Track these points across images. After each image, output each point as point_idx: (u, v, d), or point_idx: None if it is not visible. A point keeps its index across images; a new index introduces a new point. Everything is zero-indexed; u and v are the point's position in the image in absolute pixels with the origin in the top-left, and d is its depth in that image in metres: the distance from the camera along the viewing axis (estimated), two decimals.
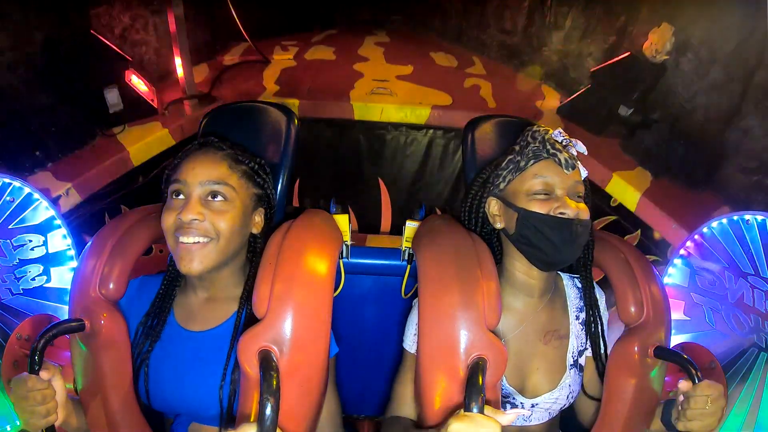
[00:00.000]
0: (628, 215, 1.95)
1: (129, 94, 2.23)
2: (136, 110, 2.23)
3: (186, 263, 0.96)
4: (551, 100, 2.72)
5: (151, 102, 2.27)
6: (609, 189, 1.98)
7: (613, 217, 2.03)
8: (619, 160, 2.04)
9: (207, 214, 0.96)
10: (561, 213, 0.99)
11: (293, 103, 2.55)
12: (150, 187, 2.07)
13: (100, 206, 1.80)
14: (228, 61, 2.97)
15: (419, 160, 2.82)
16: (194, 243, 0.96)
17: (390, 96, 2.66)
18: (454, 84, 2.85)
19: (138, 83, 2.28)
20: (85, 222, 1.73)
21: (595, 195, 1.96)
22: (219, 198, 0.98)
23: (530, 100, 2.72)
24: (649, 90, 2.24)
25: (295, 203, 2.82)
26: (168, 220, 0.98)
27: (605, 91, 2.41)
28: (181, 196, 0.98)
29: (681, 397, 0.95)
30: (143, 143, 1.99)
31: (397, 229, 2.91)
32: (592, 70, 2.54)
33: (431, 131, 2.71)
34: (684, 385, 0.94)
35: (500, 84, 2.90)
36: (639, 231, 1.88)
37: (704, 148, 1.90)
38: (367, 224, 2.91)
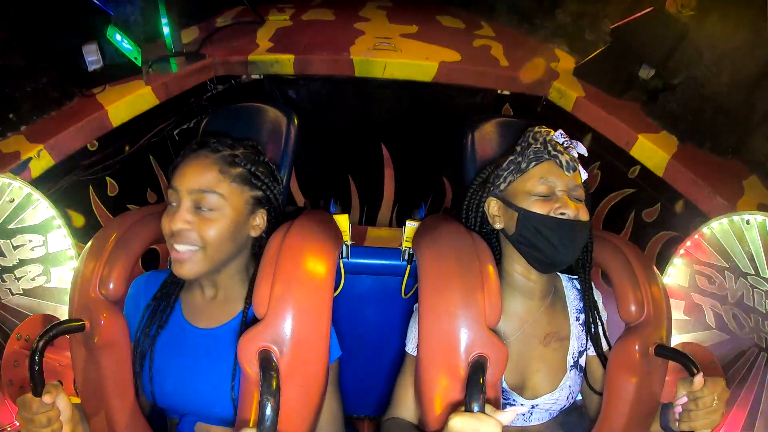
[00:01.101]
0: (649, 185, 1.82)
1: (111, 52, 2.02)
2: (118, 70, 2.02)
3: (177, 268, 0.97)
4: (566, 63, 2.54)
5: (134, 60, 2.05)
6: (634, 152, 1.84)
7: (631, 190, 1.91)
8: (643, 123, 1.89)
9: (195, 222, 0.96)
10: (561, 213, 0.99)
11: (288, 58, 2.34)
12: (138, 159, 1.95)
13: (85, 178, 1.69)
14: (221, 24, 2.79)
15: (426, 122, 2.58)
16: (185, 251, 0.96)
17: (394, 51, 2.42)
18: (462, 43, 2.59)
19: (120, 41, 2.04)
20: (68, 195, 1.62)
21: (619, 159, 1.89)
22: (206, 207, 0.97)
23: (545, 61, 2.52)
24: (673, 50, 2.07)
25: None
26: (164, 226, 0.98)
27: (626, 49, 2.22)
28: (174, 204, 0.98)
29: (683, 399, 0.95)
30: (123, 101, 1.81)
31: (400, 200, 2.74)
32: (612, 26, 2.32)
33: (439, 90, 2.46)
34: (685, 386, 0.94)
35: (511, 46, 2.65)
36: (659, 204, 1.77)
37: (731, 113, 1.77)
38: (369, 197, 2.78)
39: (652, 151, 1.78)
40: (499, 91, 2.35)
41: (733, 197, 1.46)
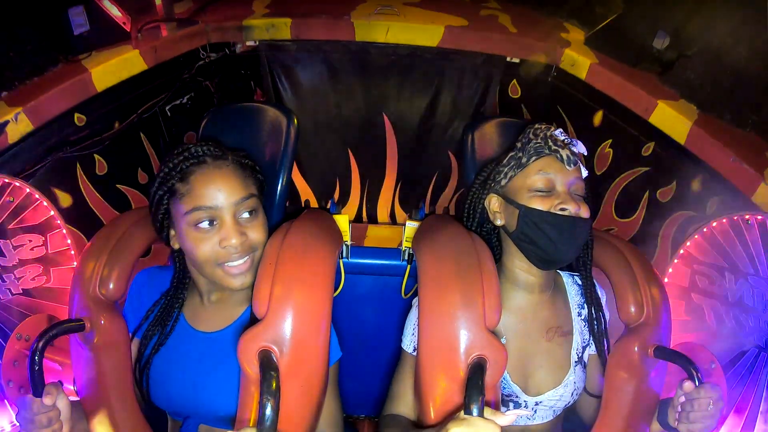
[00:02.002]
0: (665, 161, 1.74)
1: (98, 17, 1.88)
2: (106, 35, 1.89)
3: (231, 282, 0.96)
4: (576, 35, 2.45)
5: (123, 25, 1.95)
6: (654, 119, 1.74)
7: (644, 168, 1.81)
8: (661, 91, 1.80)
9: (244, 231, 0.96)
10: (562, 209, 0.99)
11: (285, 21, 2.21)
12: (129, 136, 1.84)
13: (72, 155, 1.59)
14: None
15: (430, 92, 2.44)
16: (244, 262, 0.96)
17: (397, 16, 2.31)
18: (468, 11, 2.46)
19: (110, 7, 1.94)
20: (54, 173, 1.52)
21: (638, 128, 1.79)
22: (250, 213, 0.97)
23: (555, 31, 2.36)
24: (688, 18, 1.92)
25: None
26: (205, 251, 0.94)
27: (640, 17, 2.10)
28: (213, 222, 0.95)
29: (682, 398, 0.95)
30: (109, 64, 1.70)
31: (404, 176, 2.58)
32: None
33: (444, 57, 2.33)
34: (687, 386, 0.94)
35: (518, 17, 2.55)
36: (674, 183, 1.68)
37: (750, 85, 1.67)
38: (370, 172, 2.61)
39: (673, 117, 1.67)
40: (508, 59, 2.25)
41: (759, 167, 1.37)
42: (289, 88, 2.39)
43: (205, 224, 0.94)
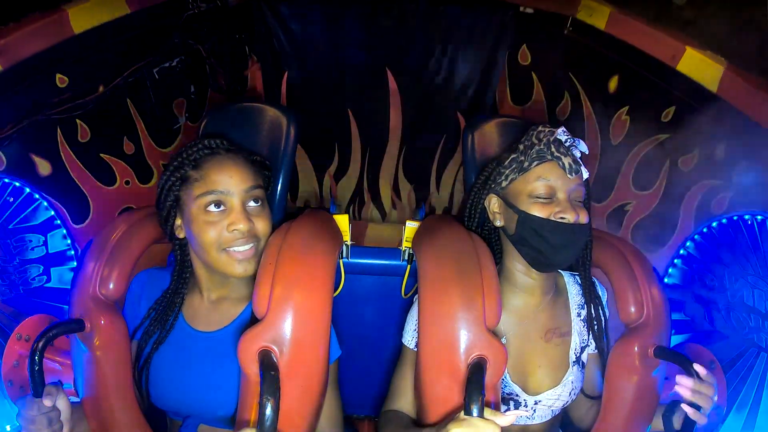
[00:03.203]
0: (688, 124, 1.60)
1: None
2: None
3: (236, 268, 0.97)
4: None
5: None
6: (682, 66, 1.62)
7: (664, 135, 1.70)
8: (686, 39, 1.67)
9: (252, 218, 0.98)
10: (561, 218, 0.99)
11: None
12: (114, 101, 1.71)
13: (52, 117, 1.50)
14: None
15: (438, 48, 2.23)
16: (248, 249, 0.97)
17: None
18: None
19: None
20: (33, 137, 1.44)
21: (657, 91, 1.69)
22: (257, 202, 1.00)
23: None
24: None
25: (283, 102, 2.34)
26: (211, 235, 0.96)
27: None
28: (222, 207, 0.97)
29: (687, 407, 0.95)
30: (87, 5, 1.56)
31: (409, 141, 2.38)
32: None
33: (453, 7, 2.15)
34: (686, 381, 0.94)
35: None
36: (697, 150, 1.58)
37: None
38: (372, 135, 2.43)
39: (703, 62, 1.54)
40: (521, 9, 2.10)
41: None
42: (287, 44, 2.25)
43: (214, 208, 0.97)
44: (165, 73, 1.90)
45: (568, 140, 1.04)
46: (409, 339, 1.11)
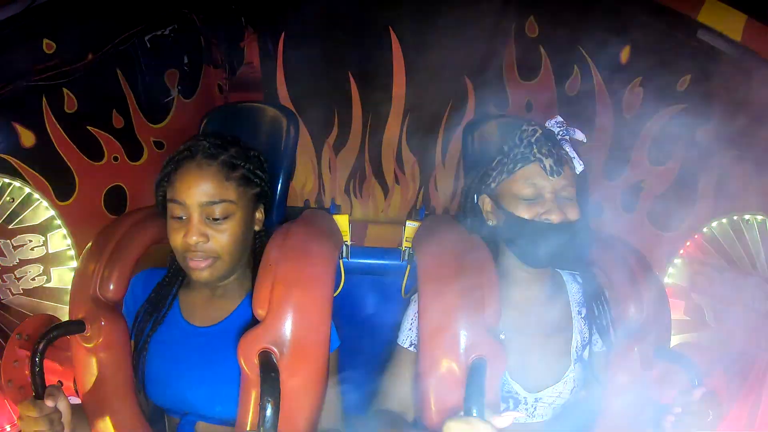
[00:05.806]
0: (706, 90, 1.52)
1: None
2: None
3: (197, 275, 0.98)
4: None
5: None
6: (703, 16, 1.54)
7: (680, 106, 1.60)
8: None
9: (210, 234, 0.96)
10: (546, 219, 0.99)
11: None
12: (103, 70, 1.61)
13: (37, 84, 1.41)
14: None
15: (444, 6, 2.09)
16: (202, 261, 0.97)
17: None
18: None
19: None
20: (16, 105, 1.36)
21: (672, 57, 1.60)
22: (220, 216, 0.97)
23: None
24: None
25: (279, 69, 2.22)
26: (176, 242, 0.97)
27: None
28: (183, 217, 0.97)
29: (678, 409, 0.95)
30: None
31: (413, 107, 2.20)
32: None
33: None
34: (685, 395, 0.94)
35: None
36: (717, 119, 1.46)
37: None
38: (374, 99, 2.26)
39: (725, 11, 1.46)
40: None
41: None
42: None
43: (176, 216, 0.97)
44: (157, 42, 1.80)
45: (561, 132, 1.03)
46: (403, 339, 1.11)
